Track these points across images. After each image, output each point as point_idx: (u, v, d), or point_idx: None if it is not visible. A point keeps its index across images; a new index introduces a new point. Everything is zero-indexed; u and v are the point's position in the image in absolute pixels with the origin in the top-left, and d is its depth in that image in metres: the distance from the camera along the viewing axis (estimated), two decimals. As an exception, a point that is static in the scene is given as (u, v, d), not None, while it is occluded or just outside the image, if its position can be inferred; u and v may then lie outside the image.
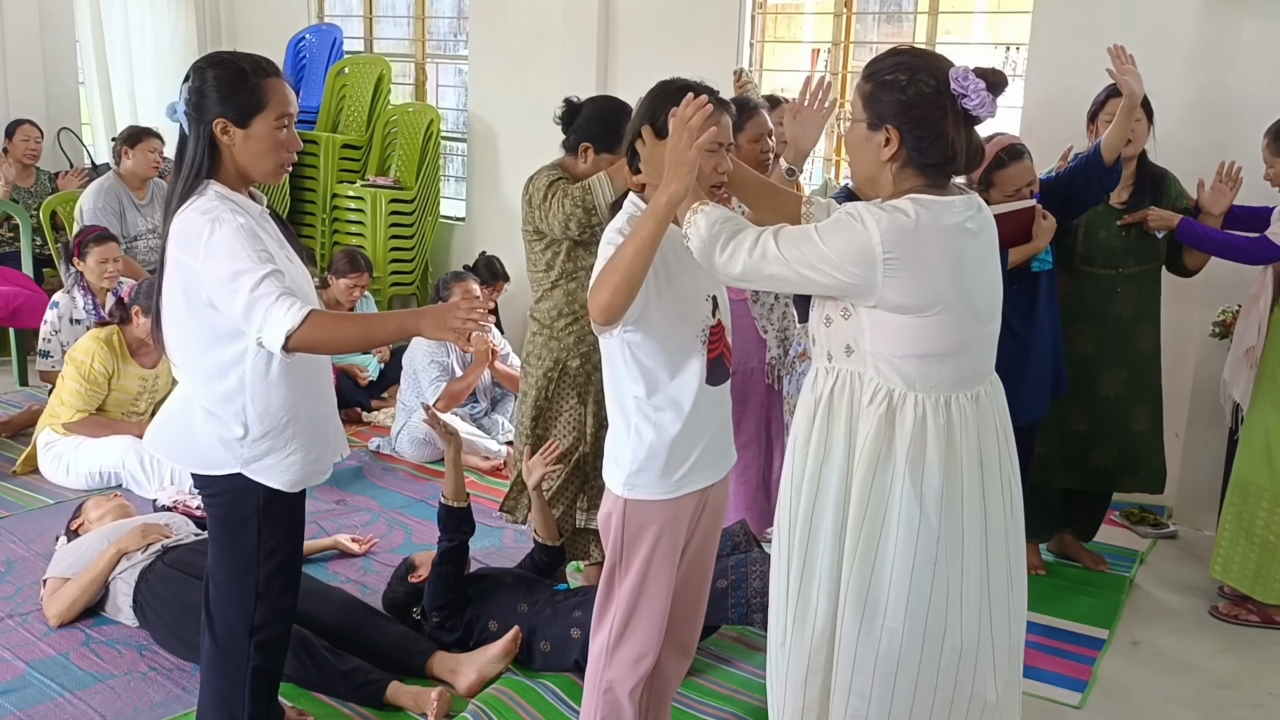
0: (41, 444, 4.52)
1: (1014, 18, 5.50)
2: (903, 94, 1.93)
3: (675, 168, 2.03)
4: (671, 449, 2.24)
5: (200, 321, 2.21)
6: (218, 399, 2.24)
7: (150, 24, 7.42)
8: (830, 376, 2.06)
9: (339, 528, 4.11)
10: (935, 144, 1.93)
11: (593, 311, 2.13)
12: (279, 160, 2.26)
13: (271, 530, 2.34)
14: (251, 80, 2.22)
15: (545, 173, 3.20)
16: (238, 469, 2.26)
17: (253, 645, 2.38)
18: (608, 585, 2.33)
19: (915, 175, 1.97)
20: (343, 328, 2.16)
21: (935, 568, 1.99)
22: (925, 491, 1.98)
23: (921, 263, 1.91)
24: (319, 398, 2.38)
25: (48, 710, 2.93)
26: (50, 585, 3.39)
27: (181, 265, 2.19)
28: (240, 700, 2.40)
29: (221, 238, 2.12)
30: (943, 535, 1.99)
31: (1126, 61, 3.32)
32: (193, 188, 2.21)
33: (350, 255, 5.57)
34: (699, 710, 3.01)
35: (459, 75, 7.23)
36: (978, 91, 1.87)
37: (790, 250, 1.95)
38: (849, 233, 1.91)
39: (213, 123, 2.21)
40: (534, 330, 3.33)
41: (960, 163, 1.96)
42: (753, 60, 5.65)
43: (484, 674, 3.02)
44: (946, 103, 1.91)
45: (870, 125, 1.98)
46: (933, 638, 2.01)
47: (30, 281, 5.80)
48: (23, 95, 6.64)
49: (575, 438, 3.33)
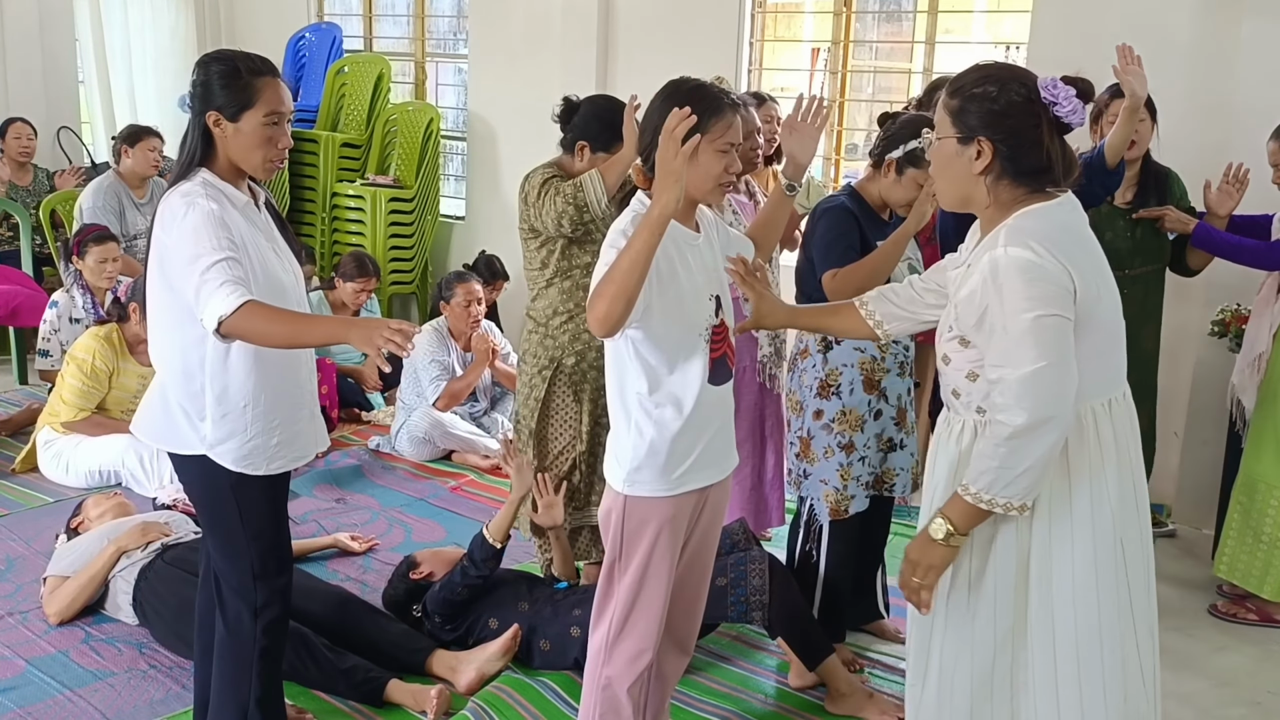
0: (41, 442, 4.52)
1: (1013, 16, 5.50)
2: (994, 104, 1.91)
3: (664, 178, 2.04)
4: (672, 446, 2.24)
5: (172, 301, 2.28)
6: (180, 377, 2.33)
7: (150, 23, 7.41)
8: (984, 430, 1.98)
9: (339, 526, 4.12)
10: (1031, 152, 1.92)
11: (591, 324, 2.13)
12: (266, 155, 2.34)
13: (252, 513, 2.40)
14: (245, 77, 2.31)
15: (541, 171, 3.20)
16: (202, 450, 2.33)
17: (259, 627, 2.44)
18: (607, 582, 2.34)
19: (1011, 186, 1.95)
20: (273, 324, 2.16)
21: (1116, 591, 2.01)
22: (1103, 502, 1.99)
23: (1078, 267, 1.90)
24: (289, 387, 2.41)
25: (48, 708, 2.93)
26: (50, 583, 3.39)
27: (160, 244, 2.28)
28: (248, 682, 2.46)
29: (189, 221, 2.21)
30: (1118, 538, 2.01)
31: (1132, 62, 3.28)
32: (184, 174, 2.32)
33: (359, 259, 5.57)
34: (698, 708, 3.01)
35: (459, 74, 7.23)
36: (1069, 99, 1.87)
37: (1056, 344, 1.87)
38: (1042, 281, 1.86)
39: (206, 114, 2.30)
40: (529, 329, 3.33)
41: (1058, 171, 1.94)
42: (753, 59, 5.65)
43: (483, 672, 3.02)
44: (1039, 110, 1.90)
45: (961, 139, 1.95)
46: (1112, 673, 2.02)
47: (30, 280, 5.80)
48: (22, 94, 6.64)
49: (571, 435, 3.33)
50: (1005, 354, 1.88)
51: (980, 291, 1.91)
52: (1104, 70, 3.65)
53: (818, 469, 3.01)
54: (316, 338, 2.25)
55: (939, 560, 1.99)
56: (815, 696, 3.08)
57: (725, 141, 2.20)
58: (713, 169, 2.20)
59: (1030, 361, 1.85)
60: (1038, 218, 1.92)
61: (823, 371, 2.98)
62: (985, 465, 1.90)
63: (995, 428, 1.89)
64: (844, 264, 2.88)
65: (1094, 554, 1.99)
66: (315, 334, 2.24)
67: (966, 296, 1.94)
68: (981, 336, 1.94)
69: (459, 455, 4.91)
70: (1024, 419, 1.85)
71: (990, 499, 1.90)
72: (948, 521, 1.96)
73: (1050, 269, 1.86)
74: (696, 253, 2.28)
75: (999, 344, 1.89)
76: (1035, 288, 1.85)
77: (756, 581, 2.94)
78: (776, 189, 2.54)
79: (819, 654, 3.00)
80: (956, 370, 2.03)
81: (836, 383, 2.97)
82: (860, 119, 5.88)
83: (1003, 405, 1.88)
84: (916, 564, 2.01)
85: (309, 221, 6.65)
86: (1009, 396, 1.87)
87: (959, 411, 2.06)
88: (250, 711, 2.48)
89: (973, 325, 1.94)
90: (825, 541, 3.08)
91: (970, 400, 2.02)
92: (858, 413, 2.97)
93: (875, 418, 3.00)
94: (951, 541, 1.97)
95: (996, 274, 1.88)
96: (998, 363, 1.89)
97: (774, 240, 2.56)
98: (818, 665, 3.01)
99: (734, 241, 2.45)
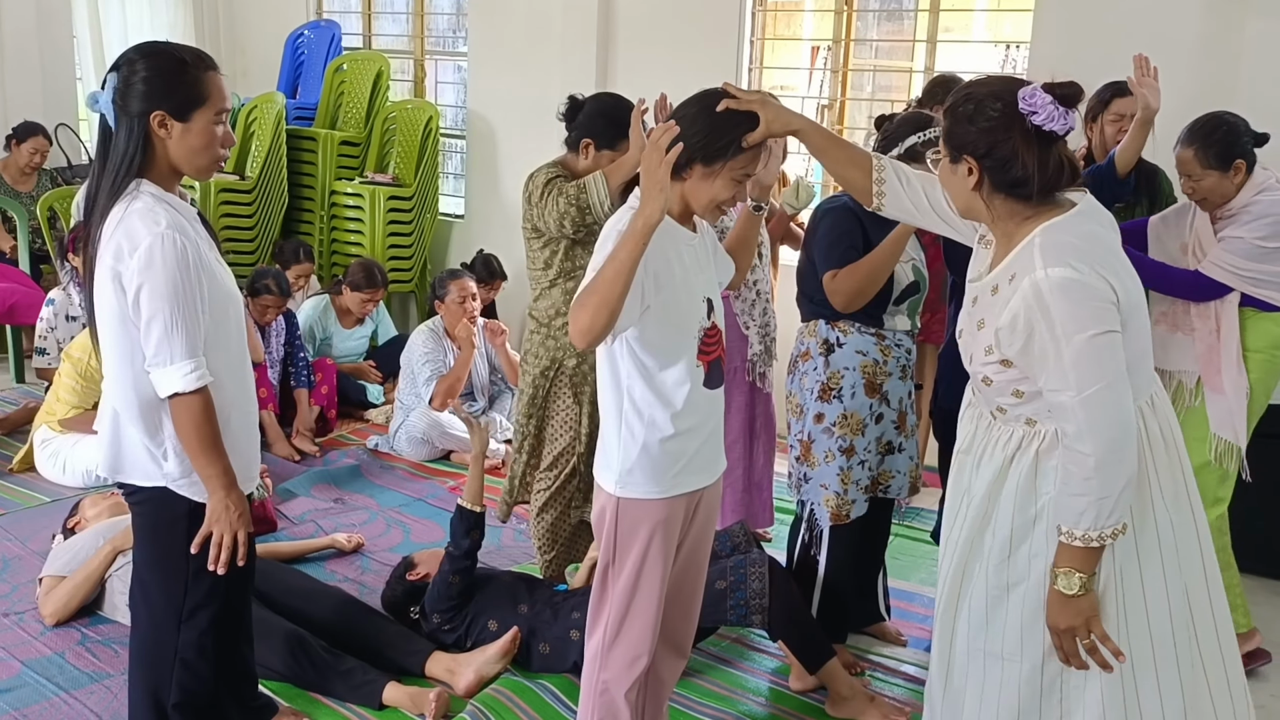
0: (38, 441, 4.51)
1: (1015, 16, 5.49)
2: (972, 123, 1.93)
3: (648, 190, 2.02)
4: (663, 449, 2.23)
5: (128, 335, 2.17)
6: (138, 409, 2.20)
7: (148, 20, 7.39)
8: (1036, 439, 1.98)
9: (337, 526, 4.10)
10: (1011, 167, 1.91)
11: (573, 335, 2.08)
12: (214, 156, 2.20)
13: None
14: (192, 72, 2.14)
15: (544, 170, 3.19)
16: (163, 483, 2.24)
17: (181, 636, 2.34)
18: (601, 585, 2.33)
19: (1007, 200, 1.95)
20: (202, 427, 2.14)
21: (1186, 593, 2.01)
22: (1157, 500, 1.98)
23: (1116, 275, 1.89)
24: (247, 410, 2.36)
25: (44, 710, 2.92)
26: (46, 584, 3.38)
27: (112, 273, 2.13)
28: (167, 689, 2.37)
29: (162, 267, 2.09)
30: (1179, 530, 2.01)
31: (1148, 74, 3.24)
32: (123, 185, 2.13)
33: (368, 270, 5.55)
34: (697, 711, 3.00)
35: (458, 72, 7.20)
36: (1044, 106, 1.86)
37: (1113, 360, 1.86)
38: (1089, 299, 1.85)
39: (149, 115, 2.12)
40: (531, 329, 3.31)
41: (1044, 178, 1.91)
42: (753, 57, 5.63)
43: (482, 674, 3.01)
44: (1015, 124, 1.89)
45: (951, 159, 1.99)
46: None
47: (27, 278, 5.78)
48: (20, 91, 6.61)
49: (571, 437, 3.32)
50: (1064, 378, 1.86)
51: (1024, 315, 1.88)
52: (1106, 69, 3.63)
53: (818, 473, 3.00)
54: (207, 463, 2.17)
55: (1089, 609, 1.93)
56: (816, 699, 3.07)
57: (744, 172, 2.18)
58: (721, 194, 2.18)
59: (1091, 383, 1.84)
60: (1066, 231, 1.91)
61: (824, 374, 2.96)
62: (1082, 504, 1.87)
63: (1076, 460, 1.87)
64: (845, 264, 2.86)
65: (1160, 559, 1.97)
66: (209, 458, 2.17)
67: (1009, 322, 1.91)
68: (1027, 359, 1.92)
69: (458, 455, 4.89)
70: (1101, 443, 1.84)
71: (1100, 534, 1.88)
72: (1075, 572, 1.91)
73: (1094, 284, 1.85)
74: (693, 252, 2.27)
75: (1054, 368, 1.87)
76: (1084, 307, 1.85)
77: (757, 584, 2.93)
78: (744, 210, 2.52)
79: (820, 657, 2.99)
80: (999, 391, 2.01)
81: (838, 386, 2.95)
82: (860, 118, 5.86)
83: (1075, 433, 1.87)
84: (1074, 629, 1.93)
85: (307, 220, 6.63)
86: (1079, 423, 1.86)
87: (1006, 422, 2.03)
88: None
89: (1019, 350, 1.92)
90: (826, 545, 3.06)
91: (1019, 413, 2.00)
92: (859, 416, 2.95)
93: (876, 421, 2.98)
94: (1088, 586, 1.92)
95: (1040, 297, 1.86)
96: (1056, 387, 1.88)
97: (749, 257, 2.55)
98: (818, 668, 2.99)
99: (720, 254, 2.44)
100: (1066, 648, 1.95)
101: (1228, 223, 3.21)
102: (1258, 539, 3.79)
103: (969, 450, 2.11)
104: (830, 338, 2.97)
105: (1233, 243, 3.17)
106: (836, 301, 2.88)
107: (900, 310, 3.00)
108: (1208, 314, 3.25)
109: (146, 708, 2.40)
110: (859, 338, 2.96)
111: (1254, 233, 3.15)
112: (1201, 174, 3.16)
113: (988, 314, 1.97)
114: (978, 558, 2.06)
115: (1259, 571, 3.92)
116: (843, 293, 2.87)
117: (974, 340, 2.03)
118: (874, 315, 2.95)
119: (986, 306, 1.98)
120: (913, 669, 3.26)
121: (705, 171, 2.15)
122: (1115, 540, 1.90)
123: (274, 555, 3.65)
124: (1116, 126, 3.61)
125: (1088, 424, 1.85)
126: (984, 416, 2.09)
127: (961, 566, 2.09)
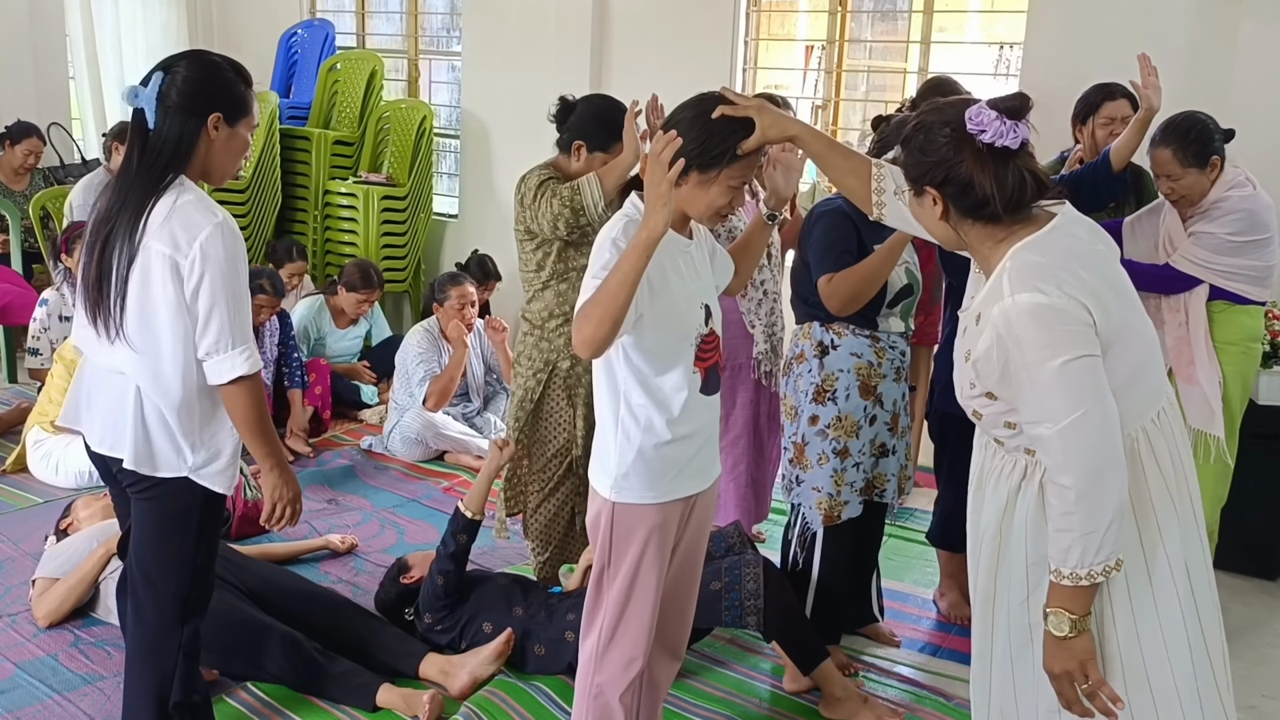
0: (31, 442, 4.49)
1: (1009, 16, 5.49)
2: (924, 154, 1.88)
3: (652, 203, 2.01)
4: (660, 454, 2.23)
5: (183, 321, 2.20)
6: (181, 399, 2.24)
7: (141, 19, 7.37)
8: (1038, 470, 1.89)
9: (331, 527, 4.10)
10: (969, 190, 1.86)
11: (576, 346, 2.08)
12: (237, 166, 2.33)
13: (207, 536, 2.37)
14: (244, 84, 2.30)
15: (537, 172, 3.18)
16: (185, 473, 2.29)
17: (184, 631, 2.39)
18: (596, 588, 2.33)
19: (975, 224, 1.89)
20: (260, 408, 2.28)
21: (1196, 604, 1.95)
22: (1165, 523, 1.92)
23: (1091, 293, 1.80)
24: None
25: (37, 712, 2.91)
26: (39, 585, 3.37)
27: (170, 262, 2.16)
28: (169, 688, 2.40)
29: (225, 252, 2.18)
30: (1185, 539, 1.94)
31: (1151, 74, 3.24)
32: (163, 178, 2.20)
33: (364, 271, 5.54)
34: (692, 712, 3.00)
35: (452, 71, 7.19)
36: (990, 124, 1.81)
37: (1089, 386, 1.77)
38: (1059, 324, 1.77)
39: (209, 115, 2.22)
40: (525, 331, 3.31)
41: (1004, 196, 1.84)
42: (747, 58, 5.64)
43: (476, 676, 3.01)
44: (965, 145, 1.84)
45: (916, 193, 1.94)
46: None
47: (19, 278, 5.76)
48: (13, 89, 6.59)
49: (565, 439, 3.32)
50: (1040, 408, 1.79)
51: (996, 347, 1.82)
52: (1099, 70, 3.64)
53: (810, 475, 3.00)
54: (264, 444, 2.31)
55: (1082, 651, 1.83)
56: (810, 700, 3.07)
57: (740, 179, 2.18)
58: (718, 201, 2.17)
59: (1067, 412, 1.75)
60: (1035, 251, 1.83)
61: (819, 377, 2.97)
62: (1067, 541, 1.78)
63: (1058, 493, 1.79)
64: (840, 268, 2.86)
65: (1172, 583, 1.91)
66: (267, 439, 2.31)
67: (984, 353, 1.85)
68: (1008, 390, 1.86)
69: (452, 456, 4.89)
70: (1081, 474, 1.75)
71: (1089, 572, 1.78)
72: (1064, 612, 1.81)
73: (1063, 307, 1.77)
74: (689, 259, 2.27)
75: (1029, 397, 1.80)
76: (1053, 332, 1.77)
77: (751, 585, 2.93)
78: (757, 218, 2.51)
79: (814, 658, 2.99)
80: (990, 424, 1.96)
81: (832, 388, 2.96)
82: (854, 118, 5.86)
83: (1054, 465, 1.79)
84: (1070, 673, 1.84)
85: (301, 219, 6.62)
86: (1056, 454, 1.78)
87: (1009, 451, 1.97)
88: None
89: (996, 381, 1.86)
90: (819, 547, 3.06)
91: (1016, 444, 1.93)
92: (853, 418, 2.96)
93: (870, 423, 2.98)
94: (1080, 627, 1.82)
95: (1010, 325, 1.79)
96: (1033, 419, 1.80)
97: (753, 264, 2.54)
98: (813, 669, 3.00)
99: (719, 256, 2.43)
100: (1065, 694, 1.86)
101: (1199, 219, 3.26)
102: (1248, 539, 3.81)
103: (979, 485, 2.05)
104: (825, 340, 2.97)
105: (1204, 238, 3.22)
106: (832, 305, 2.89)
107: (894, 313, 3.00)
108: (1177, 307, 3.30)
109: (147, 707, 2.41)
110: (853, 340, 2.96)
111: (1224, 228, 3.20)
112: (1181, 173, 3.19)
113: (972, 345, 1.90)
114: (997, 601, 2.00)
115: (1249, 571, 3.94)
116: (838, 297, 2.87)
117: (961, 372, 1.97)
118: (868, 318, 2.96)
119: (972, 337, 1.91)
120: (906, 670, 3.26)
121: (701, 179, 2.14)
122: (1108, 577, 1.80)
123: (268, 556, 3.64)
124: (1107, 130, 3.62)
125: (1064, 455, 1.77)
126: (989, 445, 2.03)
127: (988, 612, 2.02)
